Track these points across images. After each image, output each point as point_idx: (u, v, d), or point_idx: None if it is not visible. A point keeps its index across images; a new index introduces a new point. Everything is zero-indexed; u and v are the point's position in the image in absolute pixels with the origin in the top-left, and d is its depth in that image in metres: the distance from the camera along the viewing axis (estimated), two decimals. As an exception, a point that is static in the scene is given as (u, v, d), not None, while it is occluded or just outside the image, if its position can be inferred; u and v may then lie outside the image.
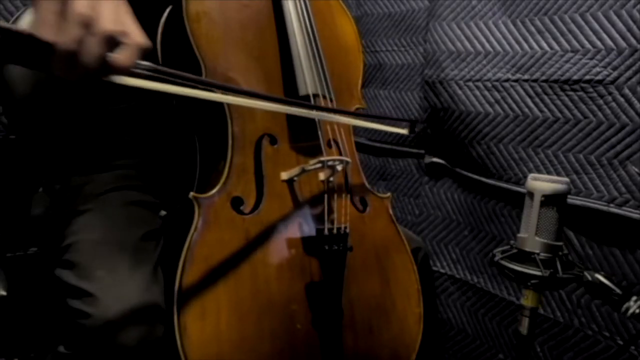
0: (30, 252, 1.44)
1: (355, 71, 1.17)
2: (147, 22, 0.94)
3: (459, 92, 1.55)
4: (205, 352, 0.84)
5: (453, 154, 1.63)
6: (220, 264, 0.88)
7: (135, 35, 0.64)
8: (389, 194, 1.12)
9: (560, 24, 1.31)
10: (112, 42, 0.63)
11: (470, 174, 1.57)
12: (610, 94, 1.22)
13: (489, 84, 1.47)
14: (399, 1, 1.82)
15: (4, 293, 1.05)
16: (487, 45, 1.48)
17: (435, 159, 1.70)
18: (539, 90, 1.36)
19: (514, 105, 1.42)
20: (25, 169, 1.36)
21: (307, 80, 1.01)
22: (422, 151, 1.75)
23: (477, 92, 1.50)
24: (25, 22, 1.21)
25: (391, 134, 1.87)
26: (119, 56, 0.63)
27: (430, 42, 1.64)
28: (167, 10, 0.96)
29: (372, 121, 1.12)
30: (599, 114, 1.24)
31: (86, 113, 1.10)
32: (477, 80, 1.50)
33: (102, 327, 0.82)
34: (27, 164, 1.35)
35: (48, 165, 1.15)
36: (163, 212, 0.94)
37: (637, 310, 0.89)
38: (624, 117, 1.20)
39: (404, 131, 1.07)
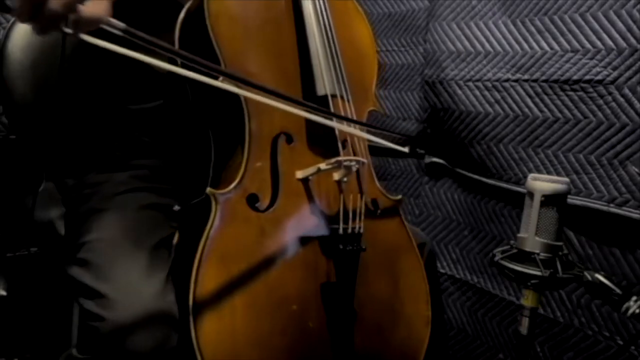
0: (31, 252, 1.44)
1: (370, 73, 1.17)
2: (164, 19, 0.94)
3: (459, 92, 1.55)
4: (221, 347, 0.85)
5: (453, 154, 1.63)
6: (235, 260, 0.89)
7: None
8: (400, 196, 1.13)
9: (560, 24, 1.31)
10: None
11: (470, 174, 1.57)
12: (610, 94, 1.22)
13: (489, 84, 1.47)
14: (399, 1, 1.82)
15: (4, 293, 1.05)
16: (487, 45, 1.47)
17: (435, 159, 1.70)
18: (539, 90, 1.36)
19: (514, 105, 1.42)
20: (26, 168, 1.36)
21: (326, 80, 1.01)
22: (422, 151, 1.75)
23: (477, 92, 1.50)
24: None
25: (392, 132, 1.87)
26: (86, 7, 0.64)
27: (430, 42, 1.64)
28: (186, 7, 0.96)
29: (374, 133, 1.12)
30: (599, 114, 1.24)
31: (105, 111, 1.09)
32: (477, 80, 1.50)
33: (116, 332, 0.81)
34: (27, 164, 1.35)
35: (60, 160, 1.15)
36: (177, 207, 0.95)
37: (637, 310, 0.89)
38: (624, 117, 1.20)
39: (405, 149, 1.07)
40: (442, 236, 1.73)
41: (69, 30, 0.65)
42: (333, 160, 0.96)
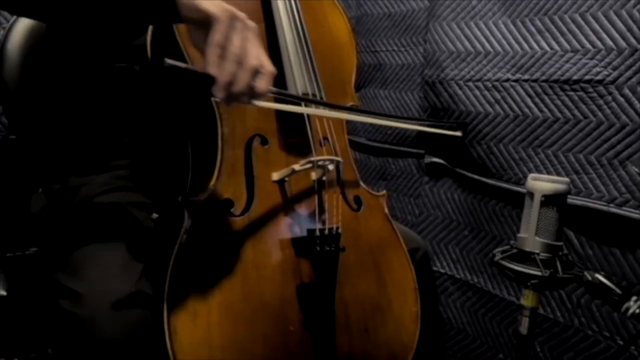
0: (30, 252, 1.44)
1: (348, 67, 1.15)
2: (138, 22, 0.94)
3: (459, 92, 1.55)
4: (196, 356, 0.83)
5: (453, 154, 1.63)
6: (211, 267, 0.87)
7: (268, 66, 0.80)
8: (384, 192, 1.11)
9: (560, 24, 1.31)
10: (256, 73, 0.79)
11: (470, 174, 1.57)
12: (610, 94, 1.22)
13: (489, 84, 1.47)
14: (399, 1, 1.81)
15: (4, 293, 1.05)
16: (487, 45, 1.47)
17: (435, 159, 1.70)
18: (539, 90, 1.36)
19: (514, 105, 1.42)
20: (25, 169, 1.36)
21: (297, 80, 1.00)
22: (422, 151, 1.75)
23: (477, 92, 1.50)
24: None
25: (391, 133, 1.87)
26: (260, 83, 0.80)
27: (430, 42, 1.64)
28: None
29: (419, 125, 1.11)
30: (599, 114, 1.24)
31: (84, 112, 1.10)
32: (477, 80, 1.50)
33: (87, 328, 0.81)
34: (27, 164, 1.35)
35: (47, 166, 1.16)
36: (155, 215, 0.94)
37: (637, 310, 0.89)
38: (624, 117, 1.20)
39: (458, 133, 1.06)
40: (442, 236, 1.73)
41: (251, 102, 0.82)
42: (306, 160, 0.95)
